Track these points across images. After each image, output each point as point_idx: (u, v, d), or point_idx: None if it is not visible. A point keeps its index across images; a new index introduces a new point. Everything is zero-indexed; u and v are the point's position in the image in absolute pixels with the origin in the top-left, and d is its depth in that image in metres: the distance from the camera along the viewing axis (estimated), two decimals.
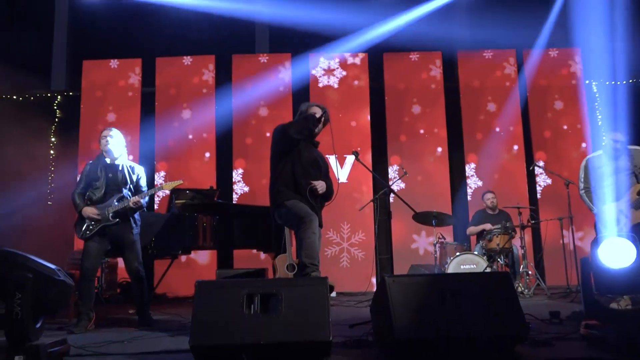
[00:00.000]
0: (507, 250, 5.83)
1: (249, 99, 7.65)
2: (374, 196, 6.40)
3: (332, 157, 6.47)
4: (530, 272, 5.84)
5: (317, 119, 3.81)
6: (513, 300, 2.61)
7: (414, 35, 7.62)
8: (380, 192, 5.76)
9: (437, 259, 5.98)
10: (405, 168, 6.35)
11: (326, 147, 3.97)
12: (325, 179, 3.85)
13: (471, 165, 7.60)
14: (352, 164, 7.41)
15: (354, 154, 4.33)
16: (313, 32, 7.33)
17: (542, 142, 7.68)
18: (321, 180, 3.78)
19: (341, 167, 7.44)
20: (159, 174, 7.48)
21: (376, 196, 5.90)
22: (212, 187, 6.65)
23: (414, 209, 5.14)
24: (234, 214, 6.04)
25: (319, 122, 3.84)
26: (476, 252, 5.79)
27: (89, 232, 3.96)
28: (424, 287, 2.63)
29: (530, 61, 7.79)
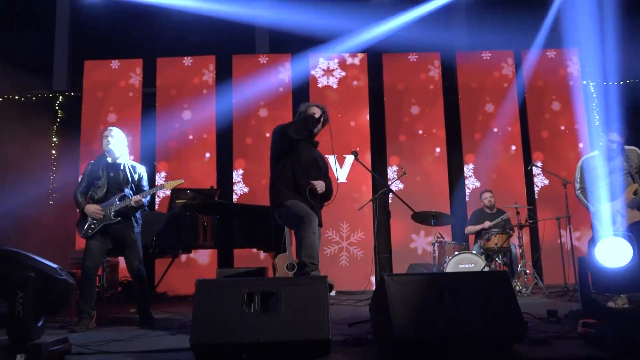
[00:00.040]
0: (505, 249, 5.86)
1: (249, 99, 7.66)
2: (373, 196, 6.43)
3: (332, 157, 6.48)
4: (528, 271, 5.87)
5: (317, 119, 3.82)
6: (511, 299, 2.63)
7: (412, 36, 7.65)
8: (380, 191, 5.80)
9: (435, 258, 6.01)
10: (404, 168, 6.37)
11: (325, 147, 3.99)
12: (325, 179, 3.86)
13: (469, 165, 7.63)
14: (352, 164, 7.44)
15: (353, 154, 4.32)
16: (313, 32, 7.34)
17: (540, 142, 7.71)
18: (321, 180, 3.79)
19: (340, 167, 7.46)
20: (160, 174, 7.49)
21: (375, 196, 5.94)
22: (213, 187, 6.67)
23: (412, 208, 5.16)
24: (234, 213, 6.06)
25: (318, 122, 3.85)
26: (474, 252, 5.82)
27: (91, 230, 3.98)
28: (422, 286, 2.64)
29: (528, 62, 7.81)
